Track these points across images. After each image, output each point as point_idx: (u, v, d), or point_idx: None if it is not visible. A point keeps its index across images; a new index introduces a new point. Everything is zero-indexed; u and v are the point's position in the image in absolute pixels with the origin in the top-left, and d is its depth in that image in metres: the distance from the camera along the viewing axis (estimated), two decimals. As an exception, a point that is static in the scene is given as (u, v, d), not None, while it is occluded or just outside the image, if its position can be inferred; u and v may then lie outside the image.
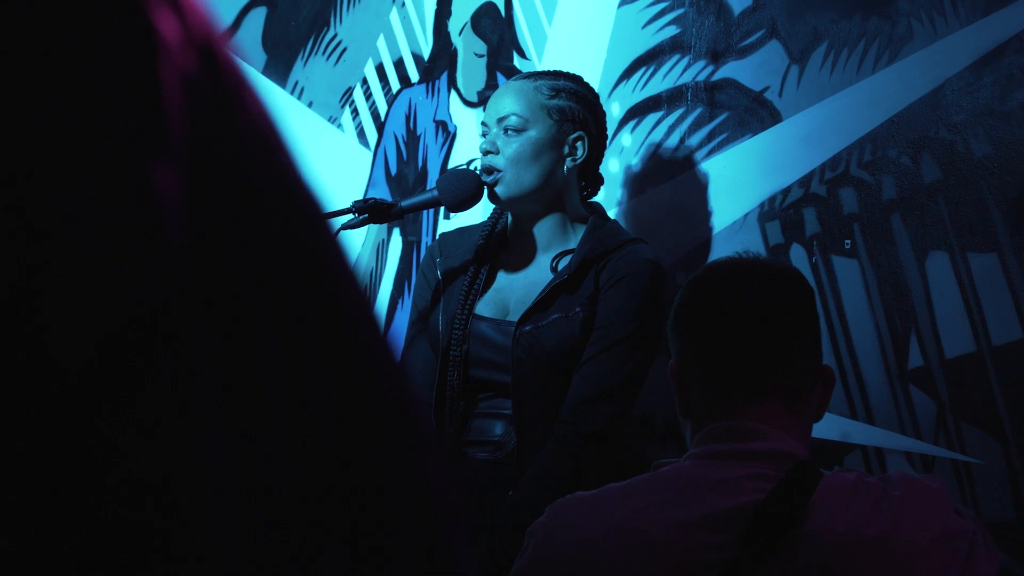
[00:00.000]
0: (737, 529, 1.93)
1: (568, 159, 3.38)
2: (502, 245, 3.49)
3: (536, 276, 3.39)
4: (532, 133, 3.35)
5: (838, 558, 1.88)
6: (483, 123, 3.42)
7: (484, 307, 3.42)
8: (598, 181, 3.50)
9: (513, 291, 3.41)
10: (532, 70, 3.54)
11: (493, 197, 3.37)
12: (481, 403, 3.39)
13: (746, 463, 2.01)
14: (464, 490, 3.34)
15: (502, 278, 3.45)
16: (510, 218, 3.47)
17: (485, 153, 3.37)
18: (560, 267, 3.36)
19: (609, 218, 3.49)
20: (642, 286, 3.27)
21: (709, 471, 2.02)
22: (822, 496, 1.93)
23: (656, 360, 3.63)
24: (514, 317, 3.34)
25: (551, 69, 3.49)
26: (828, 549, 1.89)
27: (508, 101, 3.37)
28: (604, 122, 3.45)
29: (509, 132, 3.35)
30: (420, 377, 3.46)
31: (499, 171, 3.34)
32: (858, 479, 1.97)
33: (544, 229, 3.41)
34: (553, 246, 3.40)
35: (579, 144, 3.38)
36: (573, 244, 3.36)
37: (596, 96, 3.44)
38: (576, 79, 3.44)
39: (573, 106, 3.37)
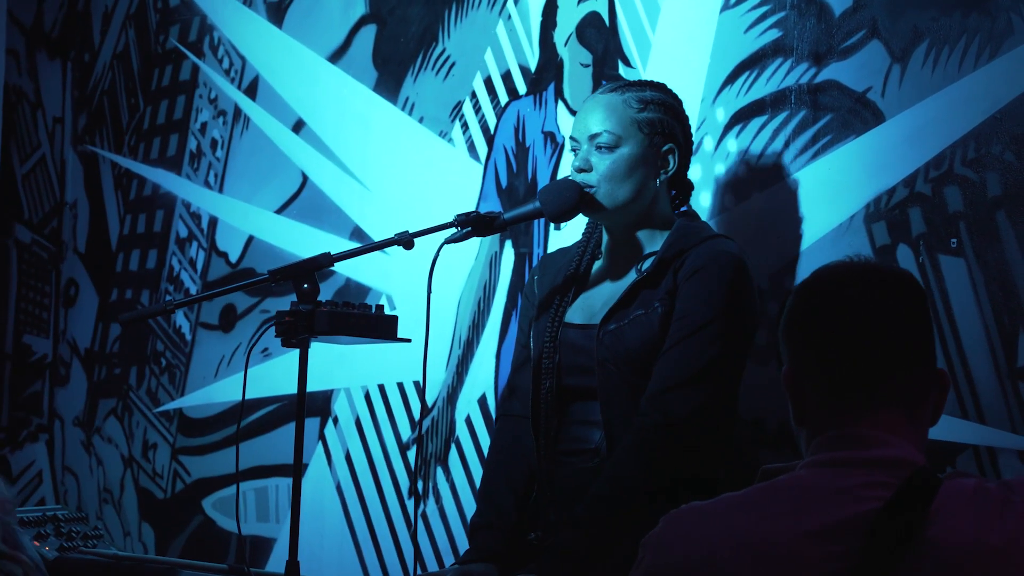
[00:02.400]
0: (859, 538, 1.95)
1: (660, 172, 3.51)
2: (595, 259, 3.63)
3: (623, 281, 3.51)
4: (625, 150, 3.47)
5: (963, 566, 1.91)
6: (572, 138, 3.54)
7: (573, 315, 3.54)
8: (688, 188, 3.62)
9: (600, 296, 3.53)
10: (617, 79, 3.63)
11: (591, 207, 3.50)
12: (576, 411, 3.51)
13: (864, 471, 2.03)
14: (562, 498, 3.46)
15: (592, 287, 3.58)
16: (604, 233, 3.60)
17: (578, 171, 3.50)
18: (644, 268, 3.47)
19: (698, 218, 3.61)
20: (719, 277, 3.35)
21: (827, 480, 2.04)
22: (943, 503, 1.95)
23: (768, 365, 3.74)
24: (599, 320, 3.46)
25: (637, 79, 3.60)
26: (951, 557, 1.92)
27: (599, 117, 3.48)
28: (690, 129, 3.57)
29: (602, 149, 3.48)
30: (524, 396, 3.60)
31: (592, 187, 3.47)
32: (978, 485, 1.98)
33: (635, 238, 3.53)
34: (642, 252, 3.52)
35: (670, 157, 3.51)
36: (660, 247, 3.48)
37: (680, 102, 3.56)
38: (661, 87, 3.56)
39: (662, 118, 3.48)
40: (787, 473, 2.11)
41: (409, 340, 3.59)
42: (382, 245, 3.55)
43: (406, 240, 3.49)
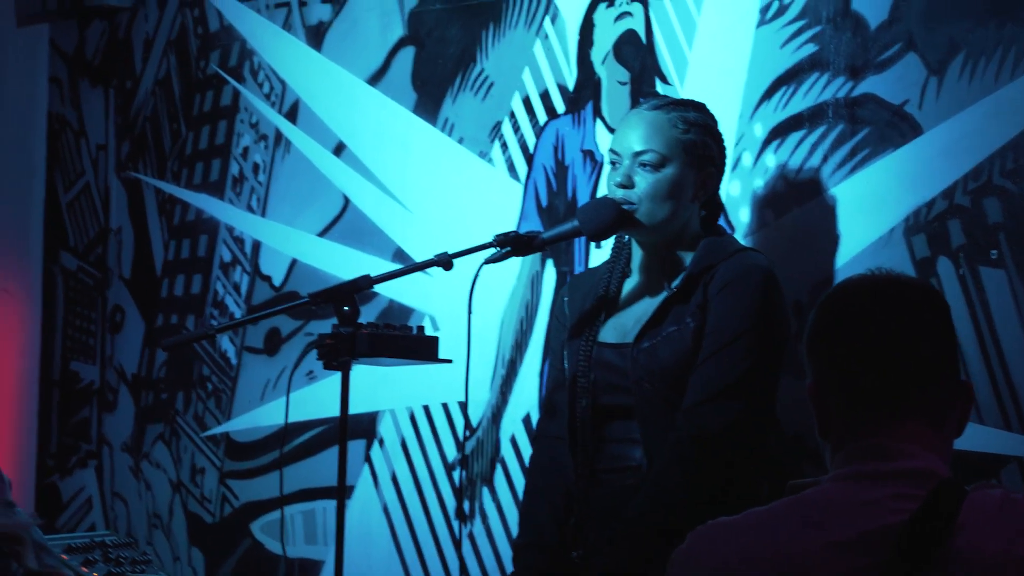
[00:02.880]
0: (884, 551, 1.96)
1: (700, 193, 3.54)
2: (624, 277, 3.66)
3: (653, 298, 3.55)
4: (668, 170, 3.50)
5: None
6: (613, 151, 3.57)
7: (607, 334, 3.57)
8: (718, 208, 3.66)
9: (632, 314, 3.56)
10: (659, 96, 3.66)
11: (630, 224, 3.54)
12: (614, 429, 3.54)
13: (889, 483, 2.03)
14: (601, 516, 3.49)
15: (623, 306, 3.61)
16: (635, 249, 3.63)
17: (619, 186, 3.53)
18: (674, 285, 3.50)
19: (725, 234, 3.64)
20: (750, 289, 3.38)
21: (852, 492, 2.05)
22: (969, 515, 1.95)
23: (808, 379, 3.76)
24: (632, 338, 3.49)
25: (676, 98, 3.63)
26: (978, 568, 1.92)
27: (643, 134, 3.51)
28: (725, 149, 3.60)
29: (646, 167, 3.51)
30: (560, 416, 3.63)
31: (633, 204, 3.51)
32: (1004, 496, 1.99)
33: (665, 256, 3.56)
34: (672, 269, 3.55)
35: (710, 180, 3.54)
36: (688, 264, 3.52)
37: (717, 122, 3.60)
38: (702, 108, 3.59)
39: (705, 140, 3.51)
40: (812, 487, 2.12)
41: (450, 361, 3.64)
42: (421, 267, 3.60)
43: (445, 261, 3.53)
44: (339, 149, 5.17)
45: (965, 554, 1.94)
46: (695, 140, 3.51)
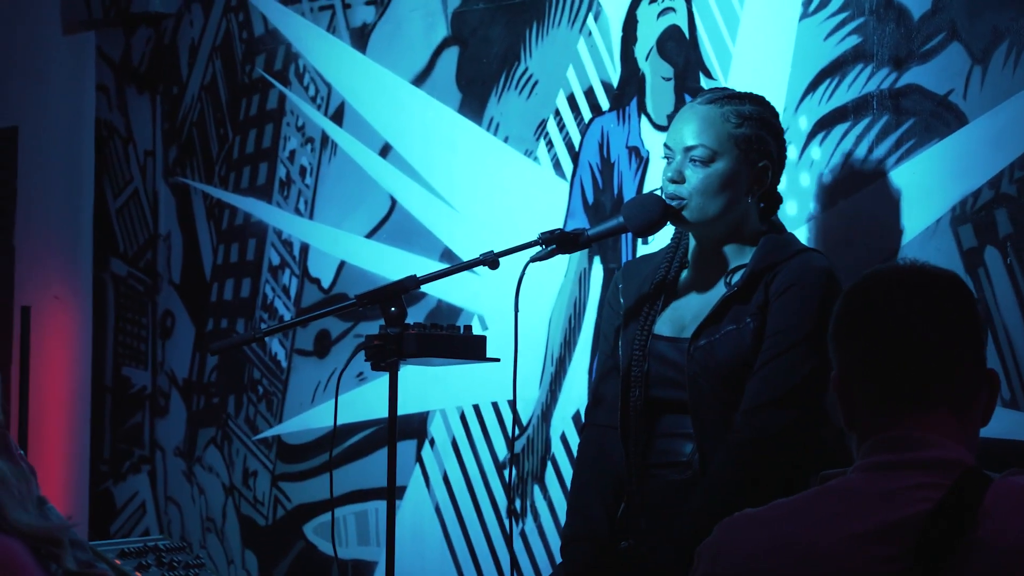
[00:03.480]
0: (909, 540, 1.98)
1: (754, 187, 3.55)
2: (682, 267, 3.68)
3: (712, 293, 3.55)
4: (720, 165, 3.51)
5: (1013, 566, 1.94)
6: (666, 146, 3.59)
7: (662, 326, 3.59)
8: (777, 200, 3.66)
9: (689, 308, 3.57)
10: (716, 89, 3.68)
11: (676, 220, 3.56)
12: (666, 423, 3.56)
13: (914, 473, 2.05)
14: (651, 509, 3.51)
15: (681, 298, 3.63)
16: (691, 241, 3.66)
17: (671, 181, 3.55)
18: (734, 282, 3.52)
19: (785, 231, 3.65)
20: (812, 292, 3.39)
21: (877, 483, 2.06)
22: (993, 503, 1.97)
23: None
24: (689, 334, 3.51)
25: (733, 91, 3.64)
26: (1003, 557, 1.94)
27: (695, 129, 3.52)
28: (784, 143, 3.60)
29: (696, 162, 3.53)
30: (610, 405, 3.66)
31: (684, 199, 3.53)
32: None
33: (723, 250, 3.58)
34: (731, 265, 3.57)
35: (764, 175, 3.55)
36: (748, 260, 3.53)
37: (777, 116, 3.60)
38: (759, 101, 3.59)
39: (759, 133, 3.51)
40: (838, 478, 2.14)
41: (498, 360, 3.67)
42: (467, 266, 3.64)
43: (491, 260, 3.56)
44: (385, 150, 5.21)
45: (989, 543, 1.95)
46: (748, 134, 3.51)
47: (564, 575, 3.57)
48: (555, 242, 3.59)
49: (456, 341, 3.55)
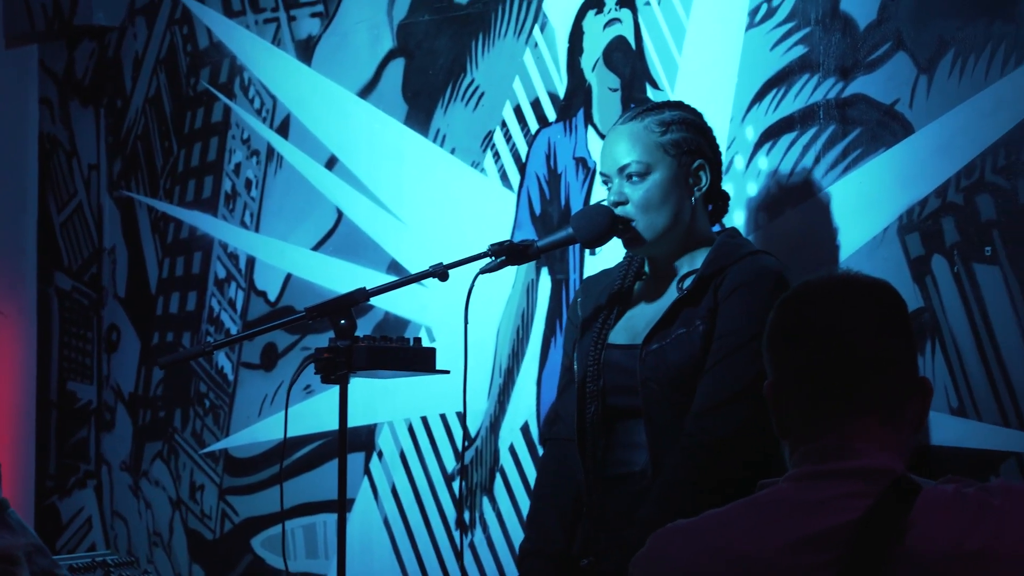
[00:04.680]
0: (837, 549, 1.99)
1: (694, 189, 3.53)
2: (637, 278, 3.65)
3: (664, 299, 3.53)
4: (656, 176, 3.50)
5: (941, 572, 1.94)
6: (602, 174, 3.57)
7: (617, 336, 3.56)
8: (724, 199, 3.65)
9: (643, 316, 3.55)
10: (636, 107, 3.64)
11: (630, 245, 3.53)
12: (622, 432, 3.52)
13: (843, 482, 2.06)
14: (610, 522, 3.48)
15: (635, 308, 3.60)
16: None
17: (615, 204, 3.53)
18: (685, 286, 3.49)
19: (739, 235, 3.63)
20: (761, 293, 3.35)
21: (807, 492, 2.08)
22: (921, 511, 1.98)
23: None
24: (641, 340, 3.48)
25: (650, 103, 3.62)
26: (930, 564, 1.95)
27: (624, 148, 3.50)
28: (716, 141, 3.59)
29: (633, 179, 3.51)
30: (570, 420, 3.62)
31: (632, 220, 3.50)
32: (956, 491, 2.01)
33: (676, 258, 3.56)
34: (682, 270, 3.55)
35: (701, 173, 3.53)
36: (699, 265, 3.51)
37: (701, 116, 3.58)
38: (679, 105, 3.59)
39: (686, 136, 3.51)
40: (768, 488, 2.15)
41: (448, 372, 3.63)
42: (416, 278, 3.59)
43: (440, 272, 3.53)
44: (331, 163, 5.17)
45: (917, 550, 1.96)
46: (675, 138, 3.50)
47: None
48: (504, 253, 3.56)
49: (406, 353, 3.50)
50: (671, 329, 3.44)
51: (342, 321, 3.43)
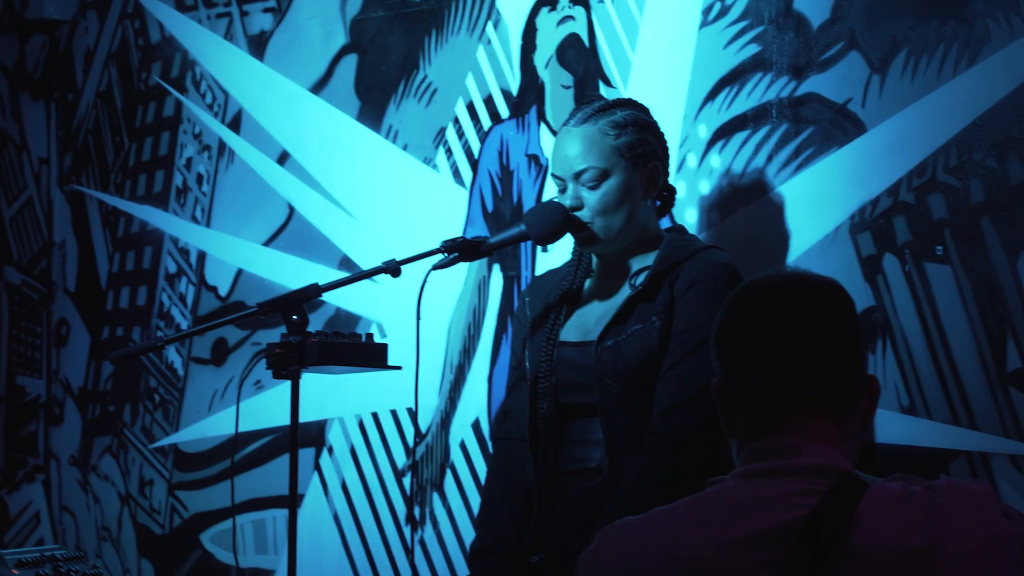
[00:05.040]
0: (783, 547, 1.97)
1: (650, 189, 3.51)
2: (587, 276, 3.62)
3: (616, 297, 3.51)
4: (613, 181, 3.46)
5: (887, 570, 1.93)
6: (555, 176, 3.52)
7: (568, 333, 3.53)
8: (671, 192, 3.63)
9: (594, 314, 3.52)
10: (582, 107, 3.59)
11: (584, 244, 3.50)
12: (575, 429, 3.49)
13: (789, 479, 2.05)
14: (561, 518, 3.45)
15: (585, 305, 3.58)
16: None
17: (572, 210, 3.49)
18: (638, 283, 3.47)
19: (686, 231, 3.61)
20: (716, 289, 3.34)
21: (753, 489, 2.07)
22: (867, 508, 1.97)
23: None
24: (595, 336, 3.45)
25: (601, 102, 3.57)
26: (876, 561, 1.94)
27: (579, 152, 3.46)
28: (664, 137, 3.56)
29: (589, 184, 3.47)
30: (520, 418, 3.59)
31: (587, 222, 3.47)
32: (902, 489, 2.00)
33: (626, 256, 3.53)
34: (634, 268, 3.52)
35: (656, 174, 3.51)
36: (652, 262, 3.48)
37: (648, 111, 3.55)
38: (628, 104, 3.55)
39: (640, 137, 3.48)
40: (715, 486, 2.14)
41: (400, 367, 3.59)
42: (369, 274, 3.55)
43: (393, 268, 3.49)
44: (283, 158, 5.12)
45: (862, 548, 1.95)
46: (630, 141, 3.47)
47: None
48: (457, 250, 3.52)
49: (358, 349, 3.47)
50: (626, 325, 3.41)
51: (294, 316, 3.39)
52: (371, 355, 3.50)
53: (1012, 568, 1.94)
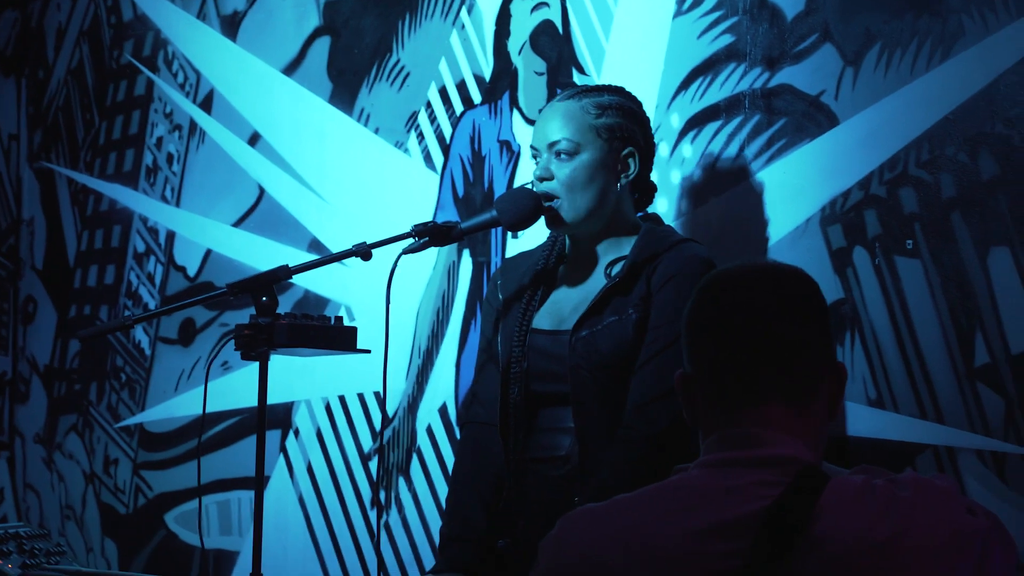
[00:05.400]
0: (746, 537, 1.96)
1: (622, 176, 3.48)
2: (560, 262, 3.59)
3: (591, 285, 3.48)
4: (585, 156, 3.44)
5: (848, 562, 1.92)
6: (532, 147, 3.51)
7: (541, 320, 3.51)
8: (651, 189, 3.60)
9: (568, 301, 3.50)
10: (577, 86, 3.60)
11: (552, 224, 3.47)
12: (545, 417, 3.47)
13: (752, 470, 2.04)
14: (529, 505, 3.43)
15: (559, 292, 3.55)
16: (567, 237, 3.57)
17: (540, 179, 3.47)
18: (614, 273, 3.44)
19: (663, 222, 3.59)
20: (693, 283, 3.31)
21: (716, 479, 2.06)
22: (830, 500, 1.96)
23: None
24: (569, 326, 3.43)
25: (593, 85, 3.57)
26: (838, 553, 1.92)
27: (557, 124, 3.45)
28: (651, 131, 3.54)
29: (561, 156, 3.45)
30: (490, 402, 3.56)
31: (556, 196, 3.44)
32: (865, 482, 1.99)
33: (600, 244, 3.50)
34: (608, 257, 3.49)
35: (631, 160, 3.48)
36: (627, 252, 3.46)
37: (640, 104, 3.53)
38: (619, 91, 3.53)
39: (621, 122, 3.46)
40: (679, 474, 2.13)
41: (369, 351, 3.56)
42: (340, 257, 3.52)
43: (364, 251, 3.45)
44: (254, 139, 5.09)
45: (824, 539, 1.94)
46: (610, 123, 3.45)
47: (441, 572, 3.46)
48: (428, 234, 3.49)
49: (327, 332, 3.43)
50: (602, 316, 3.38)
51: (264, 298, 3.36)
52: (341, 338, 3.46)
53: (973, 564, 1.93)
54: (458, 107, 4.52)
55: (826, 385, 2.12)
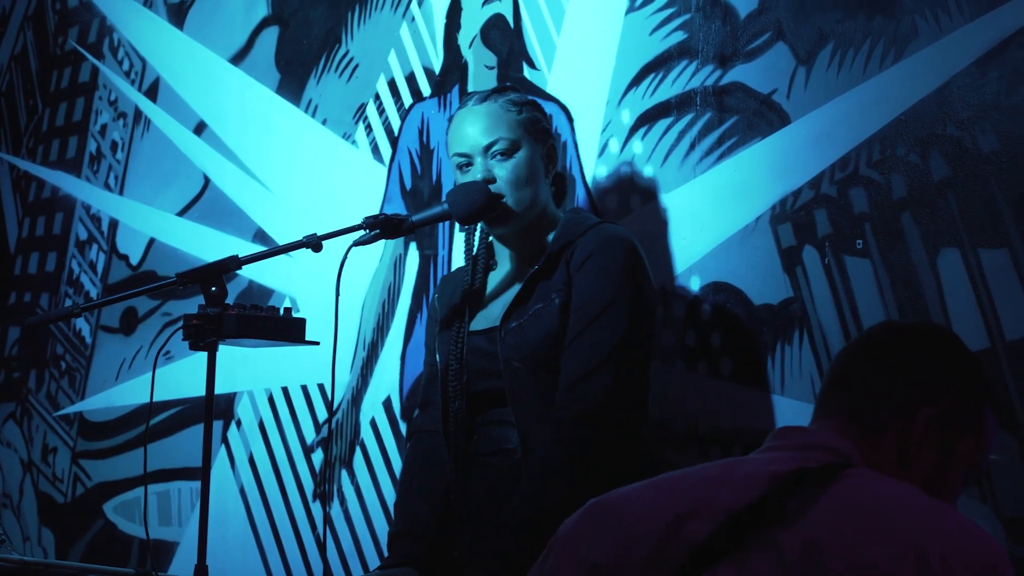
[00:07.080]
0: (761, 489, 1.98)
1: (549, 168, 3.46)
2: (489, 269, 3.56)
3: (517, 280, 3.46)
4: (522, 153, 3.41)
5: (810, 558, 1.87)
6: (459, 155, 3.44)
7: (476, 324, 3.48)
8: (563, 181, 3.59)
9: (500, 301, 3.47)
10: (482, 90, 3.52)
11: (498, 222, 3.41)
12: (492, 413, 3.42)
13: (794, 452, 2.07)
14: (483, 498, 3.38)
15: (491, 296, 3.51)
16: (495, 243, 3.53)
17: (485, 183, 3.41)
18: (539, 264, 3.41)
19: (583, 211, 3.56)
20: (612, 260, 3.30)
21: (762, 462, 2.08)
22: (860, 472, 1.99)
23: (674, 366, 3.68)
24: (499, 321, 3.39)
25: (491, 88, 3.52)
26: (858, 504, 1.92)
27: (486, 126, 3.40)
28: (550, 121, 3.53)
29: (498, 157, 3.40)
30: (435, 410, 3.51)
31: (502, 196, 3.40)
32: (879, 505, 1.93)
33: (527, 240, 3.46)
34: (535, 251, 3.46)
35: (553, 153, 3.46)
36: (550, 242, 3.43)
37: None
38: (516, 89, 3.54)
39: (538, 116, 3.46)
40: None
41: (318, 343, 3.50)
42: (290, 248, 3.46)
43: (314, 243, 3.40)
44: (200, 128, 5.02)
45: (840, 495, 1.94)
46: (530, 117, 3.44)
47: (392, 566, 3.40)
48: (379, 227, 3.43)
49: (276, 323, 3.38)
50: (528, 305, 3.36)
51: (213, 288, 3.29)
52: (289, 329, 3.41)
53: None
54: (407, 100, 4.47)
55: (895, 422, 2.09)
